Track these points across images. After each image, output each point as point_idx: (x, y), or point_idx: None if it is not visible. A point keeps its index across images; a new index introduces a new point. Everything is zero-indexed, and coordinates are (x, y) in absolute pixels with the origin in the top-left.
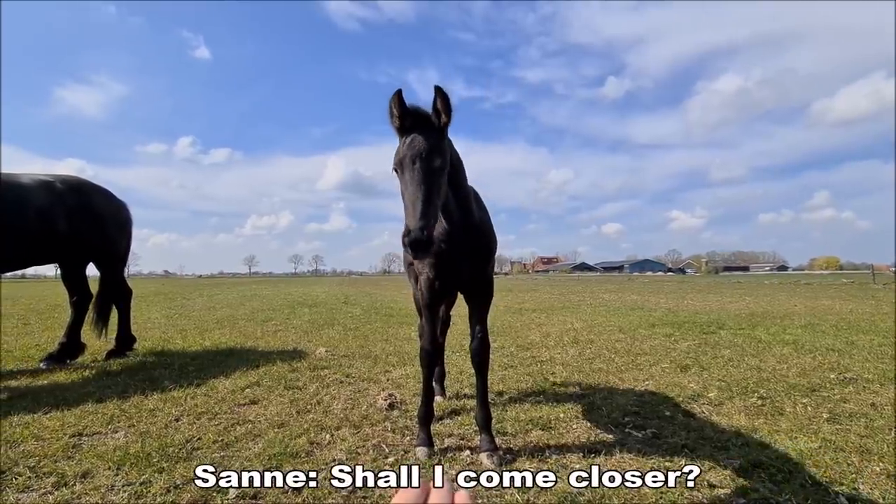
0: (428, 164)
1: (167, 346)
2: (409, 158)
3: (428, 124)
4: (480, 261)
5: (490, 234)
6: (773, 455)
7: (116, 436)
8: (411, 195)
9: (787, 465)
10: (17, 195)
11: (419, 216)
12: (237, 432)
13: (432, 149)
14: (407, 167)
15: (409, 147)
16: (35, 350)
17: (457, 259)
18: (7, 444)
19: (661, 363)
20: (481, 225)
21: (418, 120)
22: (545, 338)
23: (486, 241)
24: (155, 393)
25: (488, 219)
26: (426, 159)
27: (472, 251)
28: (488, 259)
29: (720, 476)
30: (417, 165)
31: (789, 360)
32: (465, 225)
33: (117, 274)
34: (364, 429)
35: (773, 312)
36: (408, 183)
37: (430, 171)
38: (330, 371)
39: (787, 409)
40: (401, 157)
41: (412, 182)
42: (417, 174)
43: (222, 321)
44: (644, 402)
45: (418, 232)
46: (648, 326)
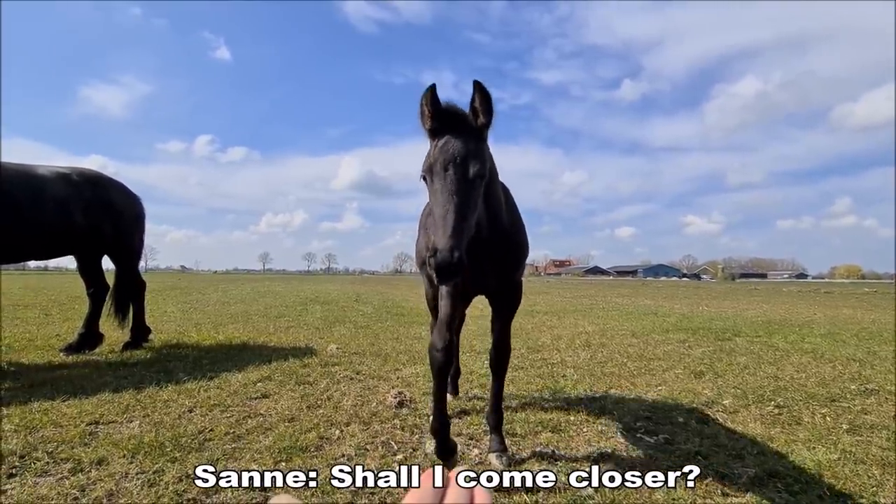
0: (463, 172)
1: (182, 339)
2: (440, 164)
3: (464, 125)
4: (509, 268)
5: (521, 241)
6: (790, 465)
7: (131, 425)
8: (442, 208)
9: (804, 475)
10: (34, 186)
11: (450, 234)
12: (248, 425)
13: (469, 154)
14: (438, 174)
15: (441, 151)
16: (55, 340)
17: (482, 268)
18: (27, 430)
19: (675, 369)
20: (512, 230)
21: (453, 120)
22: (556, 340)
23: (515, 249)
24: (169, 384)
25: (520, 222)
26: (461, 165)
27: (500, 259)
28: (517, 266)
29: (735, 485)
30: (450, 173)
31: (808, 368)
32: (493, 231)
33: (132, 267)
34: (373, 425)
35: (792, 320)
36: (438, 193)
37: (464, 180)
38: (340, 368)
39: (806, 419)
40: (431, 163)
41: (443, 192)
42: (450, 183)
43: (236, 316)
44: (656, 407)
45: (447, 254)
46: (662, 331)
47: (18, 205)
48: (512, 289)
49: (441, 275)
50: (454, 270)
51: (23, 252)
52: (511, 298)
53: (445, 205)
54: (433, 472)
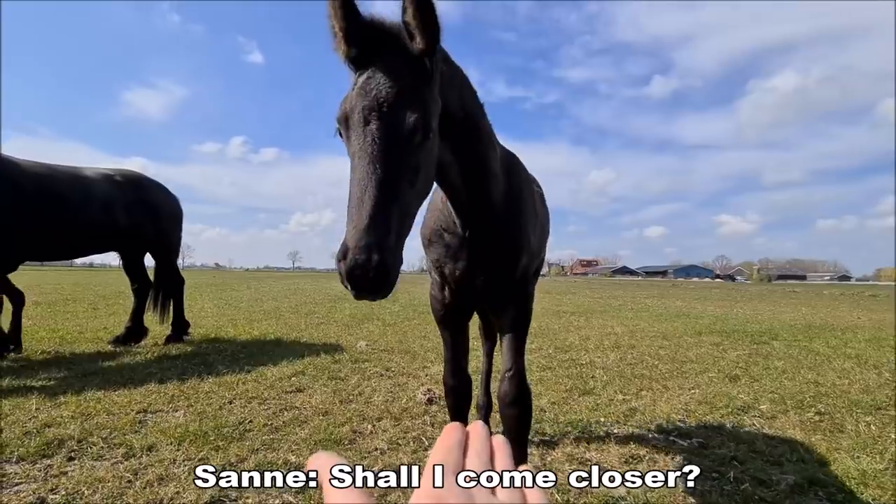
0: (391, 126)
1: (219, 334)
2: (358, 113)
3: (398, 54)
4: (503, 261)
5: (520, 232)
6: (832, 474)
7: (177, 414)
8: (359, 182)
9: (848, 484)
10: (83, 187)
11: (366, 224)
12: (285, 417)
13: (401, 97)
14: (355, 129)
15: (360, 93)
16: (103, 332)
17: (470, 259)
18: (83, 417)
19: (709, 372)
20: (508, 214)
21: (382, 45)
22: (584, 341)
23: (512, 241)
24: (210, 377)
25: (527, 204)
26: (388, 115)
27: (491, 256)
28: (514, 266)
29: (773, 492)
30: (372, 127)
31: (851, 375)
32: (477, 214)
33: (171, 264)
34: (404, 421)
35: (834, 324)
36: (355, 158)
37: (394, 140)
38: (370, 364)
39: (849, 427)
40: (347, 110)
41: (361, 157)
42: (372, 143)
43: (269, 312)
44: (689, 410)
45: (361, 256)
46: (694, 334)
47: (70, 205)
48: (511, 295)
49: (355, 285)
50: (375, 281)
51: (74, 249)
52: (515, 311)
53: (364, 177)
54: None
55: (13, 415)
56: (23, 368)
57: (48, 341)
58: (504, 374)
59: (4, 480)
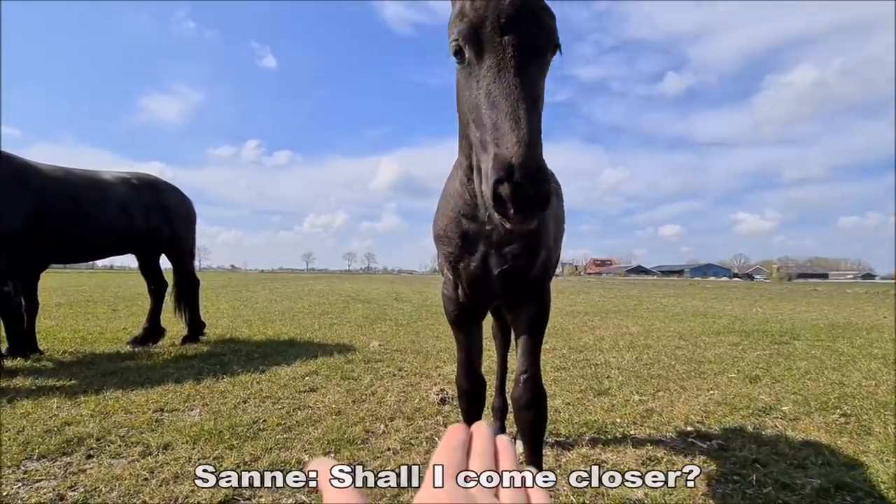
0: (533, 37)
1: (234, 335)
2: (492, 23)
3: None
4: (523, 253)
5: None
6: (860, 477)
7: (192, 413)
8: (506, 95)
9: (876, 489)
10: (101, 190)
11: (528, 137)
12: (298, 417)
13: (537, 5)
14: (489, 41)
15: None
16: (122, 333)
17: (489, 250)
18: (102, 416)
19: (728, 373)
20: None
21: None
22: (599, 341)
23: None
24: (225, 376)
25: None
26: (533, 23)
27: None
28: (534, 252)
29: (798, 496)
30: (513, 38)
31: (878, 375)
32: None
33: (186, 265)
34: (417, 421)
35: (858, 324)
36: (494, 72)
37: (535, 51)
38: (383, 364)
39: (877, 429)
40: (475, 21)
41: (505, 71)
42: (515, 55)
43: (283, 313)
44: (708, 411)
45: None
46: (713, 334)
47: (89, 208)
48: (531, 290)
49: (525, 204)
50: (545, 199)
51: (93, 252)
52: (534, 307)
53: (512, 91)
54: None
55: (35, 413)
56: (46, 368)
57: (70, 341)
58: (519, 377)
59: (26, 478)
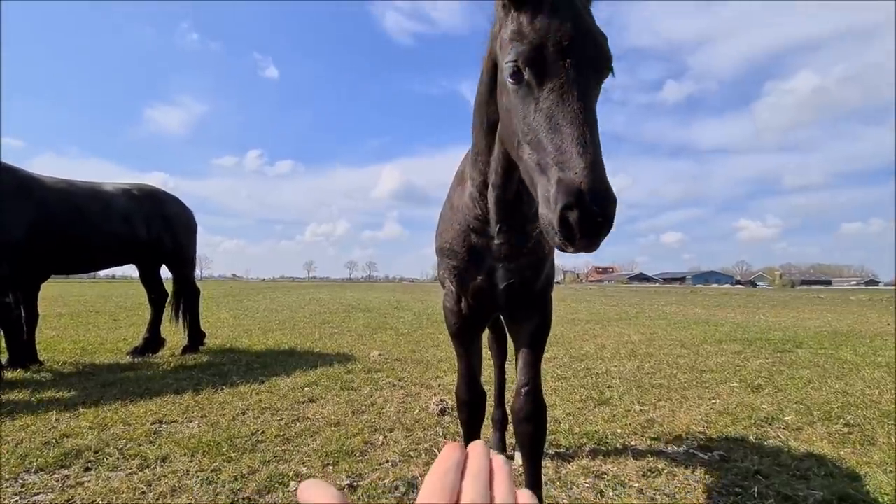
0: (592, 60)
1: (235, 344)
2: (555, 46)
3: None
4: (529, 266)
5: None
6: (863, 489)
7: (191, 425)
8: (571, 118)
9: (880, 501)
10: (103, 201)
11: (596, 162)
12: (297, 428)
13: (594, 29)
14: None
15: (556, 25)
16: (123, 343)
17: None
18: (100, 428)
19: (730, 382)
20: None
21: None
22: (600, 349)
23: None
24: (224, 387)
25: None
26: (596, 45)
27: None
28: (540, 267)
29: None
30: (576, 62)
31: (882, 384)
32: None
33: (187, 275)
34: (416, 432)
35: (862, 331)
36: (556, 96)
37: (594, 74)
38: (383, 374)
39: (880, 440)
40: (535, 44)
41: (568, 95)
42: (578, 77)
43: (283, 322)
44: (710, 421)
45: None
46: (715, 342)
47: (91, 219)
48: (533, 301)
49: (592, 231)
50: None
51: (95, 262)
52: (537, 318)
53: (577, 115)
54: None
55: (34, 425)
56: (45, 379)
57: (70, 352)
58: (520, 389)
59: (23, 491)
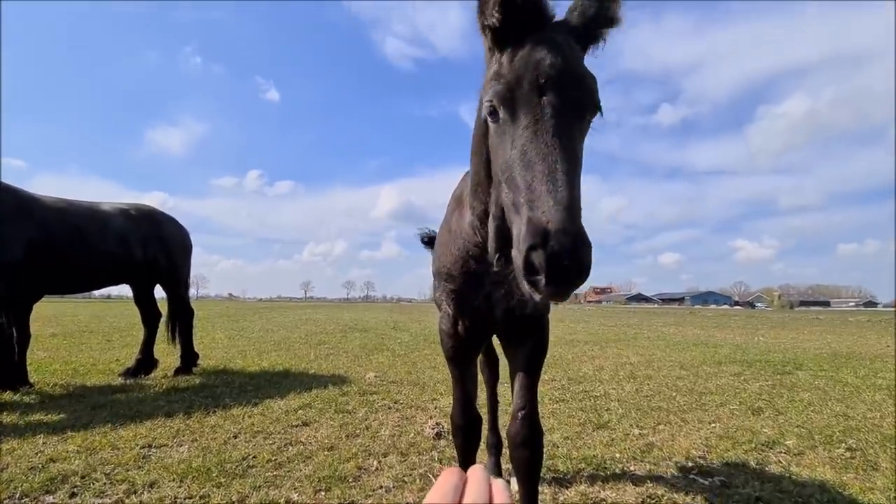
0: (577, 99)
1: (229, 366)
2: (530, 83)
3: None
4: None
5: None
6: None
7: (181, 449)
8: (543, 156)
9: None
10: (100, 221)
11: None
12: (289, 453)
13: (578, 66)
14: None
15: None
16: (115, 364)
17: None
18: (88, 452)
19: (730, 404)
20: None
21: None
22: (598, 371)
23: None
24: (216, 410)
25: None
26: (573, 86)
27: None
28: None
29: None
30: (553, 98)
31: (883, 407)
32: None
33: (181, 295)
34: (411, 457)
35: (861, 353)
36: (530, 133)
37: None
38: (379, 396)
39: (883, 465)
40: (511, 82)
41: (542, 133)
42: (554, 115)
43: (279, 343)
44: (710, 445)
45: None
46: (714, 363)
47: (88, 239)
48: (531, 323)
49: (561, 277)
50: (584, 270)
51: (91, 282)
52: (533, 340)
53: (550, 152)
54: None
55: (20, 449)
56: (35, 402)
57: (61, 373)
58: (516, 412)
59: None
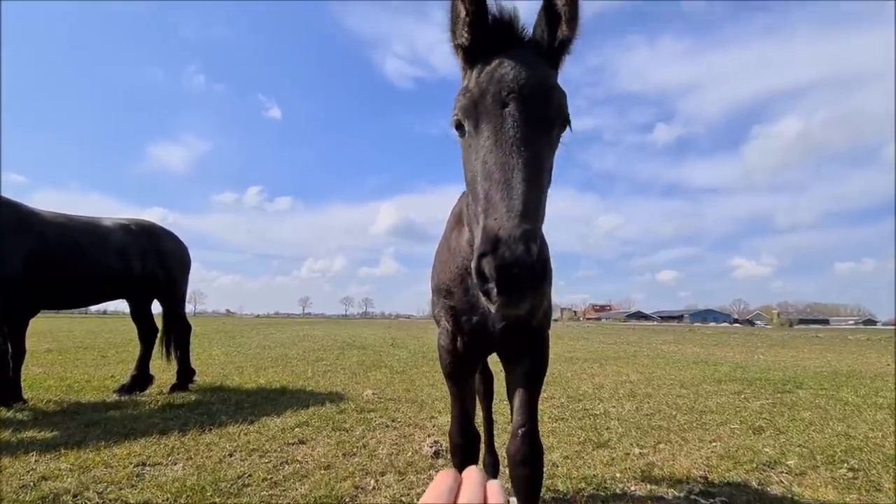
0: (537, 110)
1: (225, 382)
2: (492, 97)
3: (527, 45)
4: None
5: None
6: None
7: (175, 467)
8: (501, 165)
9: None
10: (100, 236)
11: (521, 210)
12: (285, 471)
13: (544, 81)
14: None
15: (495, 77)
16: (110, 380)
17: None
18: (81, 470)
19: (730, 423)
20: None
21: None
22: (598, 389)
23: None
24: (212, 427)
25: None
26: (533, 99)
27: None
28: (537, 307)
29: None
30: (512, 110)
31: (884, 426)
32: None
33: (178, 311)
34: (409, 476)
35: (862, 372)
36: (490, 144)
37: (539, 125)
38: (376, 414)
39: (886, 485)
40: (475, 97)
41: (501, 143)
42: (514, 128)
43: (276, 360)
44: (711, 465)
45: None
46: (714, 382)
47: (87, 254)
48: (532, 338)
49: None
50: (538, 277)
51: (90, 297)
52: (533, 355)
53: (508, 161)
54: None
55: (12, 467)
56: (28, 418)
57: (56, 389)
58: (516, 430)
59: None
